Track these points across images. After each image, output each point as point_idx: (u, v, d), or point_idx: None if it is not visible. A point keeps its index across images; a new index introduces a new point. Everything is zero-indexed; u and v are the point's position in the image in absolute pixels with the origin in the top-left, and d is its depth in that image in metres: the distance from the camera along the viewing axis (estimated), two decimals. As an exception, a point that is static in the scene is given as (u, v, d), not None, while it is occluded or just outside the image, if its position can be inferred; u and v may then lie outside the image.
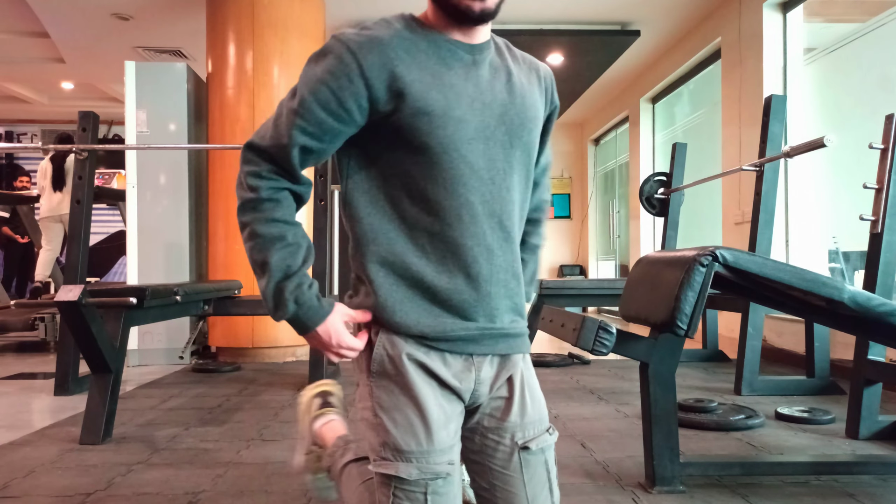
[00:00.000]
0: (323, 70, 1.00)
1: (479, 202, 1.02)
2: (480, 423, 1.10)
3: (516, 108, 1.05)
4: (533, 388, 1.13)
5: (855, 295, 1.61)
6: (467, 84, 1.01)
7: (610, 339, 1.61)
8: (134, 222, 4.11)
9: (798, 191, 4.25)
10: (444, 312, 1.03)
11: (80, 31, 5.53)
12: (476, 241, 1.02)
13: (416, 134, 0.99)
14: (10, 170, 7.95)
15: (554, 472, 1.12)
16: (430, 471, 1.01)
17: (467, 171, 1.00)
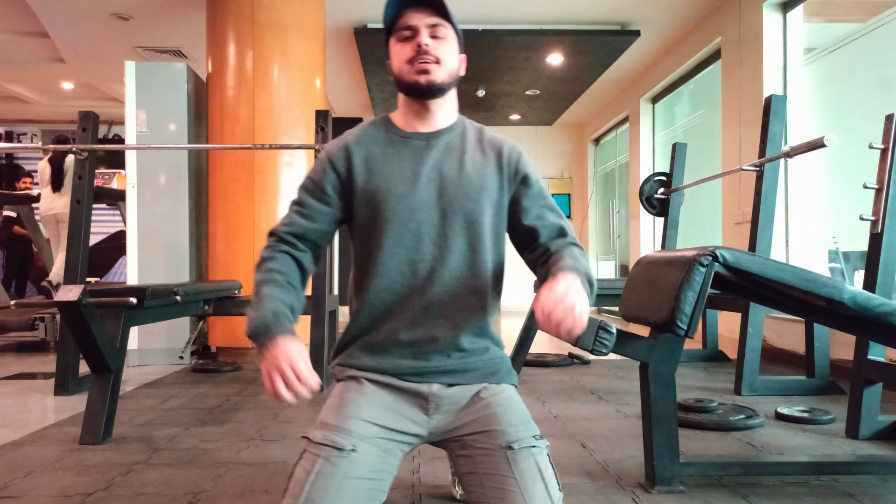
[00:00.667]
0: (310, 170, 1.34)
1: (407, 260, 1.26)
2: (463, 436, 1.23)
3: (462, 183, 1.28)
4: (513, 405, 1.25)
5: (855, 295, 1.61)
6: (415, 165, 1.28)
7: (610, 339, 1.61)
8: (134, 222, 4.11)
9: (798, 191, 4.25)
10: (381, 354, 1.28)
11: (80, 31, 5.53)
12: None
13: (365, 206, 1.29)
14: (11, 170, 7.95)
15: (549, 473, 1.16)
16: (330, 439, 1.15)
17: (400, 232, 1.26)
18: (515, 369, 3.49)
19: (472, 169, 1.30)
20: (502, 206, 1.33)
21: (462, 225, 1.28)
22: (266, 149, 3.86)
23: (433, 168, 1.28)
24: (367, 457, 1.16)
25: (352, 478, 1.13)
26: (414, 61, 1.25)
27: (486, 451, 1.17)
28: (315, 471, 1.12)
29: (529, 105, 7.84)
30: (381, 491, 1.18)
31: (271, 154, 4.07)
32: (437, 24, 1.27)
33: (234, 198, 4.08)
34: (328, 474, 1.12)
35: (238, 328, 4.09)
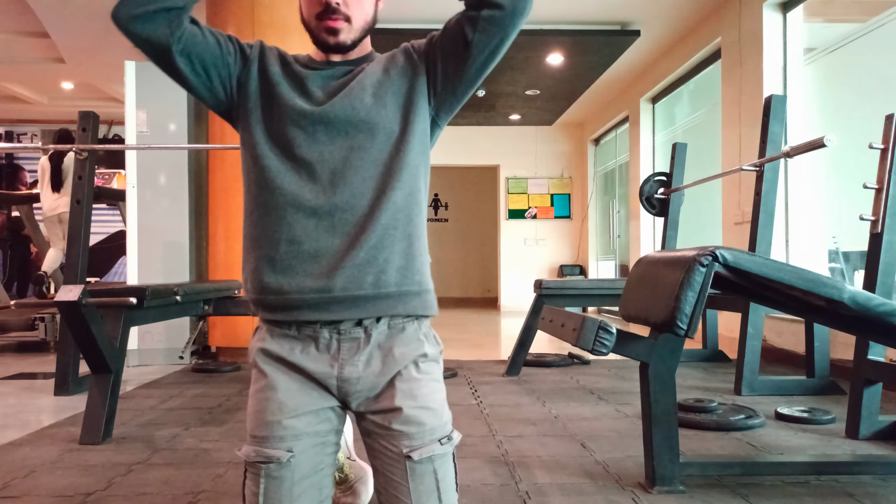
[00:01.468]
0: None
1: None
2: (372, 424, 1.18)
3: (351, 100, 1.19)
4: (425, 394, 1.17)
5: (855, 295, 1.61)
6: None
7: (610, 339, 1.61)
8: (134, 222, 4.11)
9: (798, 191, 4.25)
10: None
11: (80, 31, 5.53)
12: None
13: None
14: (11, 170, 7.94)
15: (447, 482, 1.15)
16: (265, 455, 1.12)
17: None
18: (515, 370, 3.52)
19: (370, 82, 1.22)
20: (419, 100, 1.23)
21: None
22: (266, 149, 3.86)
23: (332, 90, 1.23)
24: (306, 454, 1.14)
25: (298, 481, 1.12)
26: (322, 17, 1.18)
27: (387, 453, 1.15)
28: (261, 491, 1.12)
29: (529, 105, 7.84)
30: (330, 473, 1.19)
31: (271, 154, 4.06)
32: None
33: (234, 198, 4.08)
34: (275, 489, 1.11)
35: (238, 328, 4.09)
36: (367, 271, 1.15)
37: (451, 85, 1.22)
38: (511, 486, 1.74)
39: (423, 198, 1.24)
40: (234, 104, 1.24)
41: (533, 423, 2.45)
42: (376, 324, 1.18)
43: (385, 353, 1.18)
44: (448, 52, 1.20)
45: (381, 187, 1.16)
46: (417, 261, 1.20)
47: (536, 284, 3.47)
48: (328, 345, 1.17)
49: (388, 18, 5.18)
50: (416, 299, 1.20)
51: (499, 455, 2.03)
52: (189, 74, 1.19)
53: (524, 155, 9.12)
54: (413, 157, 1.20)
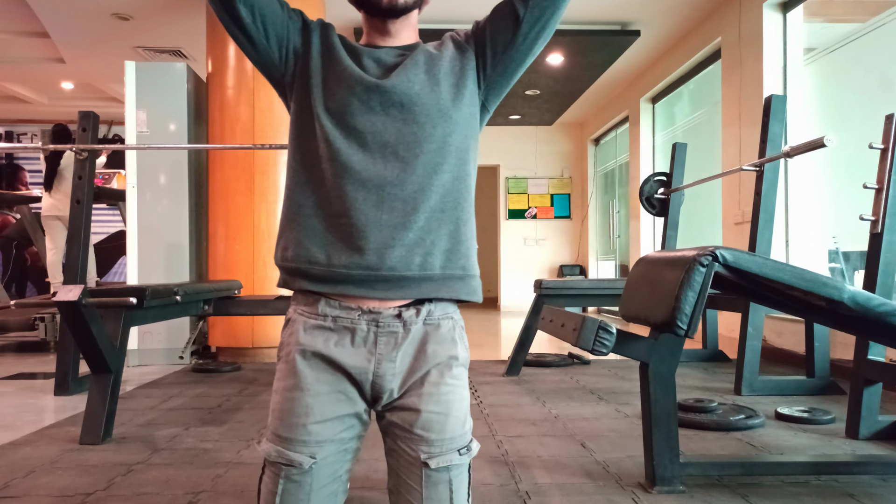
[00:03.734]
0: None
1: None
2: (393, 425, 1.16)
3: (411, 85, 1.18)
4: (451, 402, 1.16)
5: (855, 295, 1.61)
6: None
7: (610, 339, 1.61)
8: (134, 222, 4.11)
9: (798, 191, 4.25)
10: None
11: (80, 31, 5.53)
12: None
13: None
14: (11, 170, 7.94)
15: (461, 491, 1.14)
16: (286, 458, 1.11)
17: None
18: (515, 370, 3.52)
19: (429, 68, 1.23)
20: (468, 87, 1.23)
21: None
22: (266, 149, 3.86)
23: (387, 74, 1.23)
24: (327, 462, 1.13)
25: (317, 489, 1.12)
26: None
27: (405, 456, 1.14)
28: (279, 492, 1.11)
29: (529, 105, 7.84)
30: (346, 479, 1.19)
31: (271, 154, 4.07)
32: None
33: (234, 198, 4.08)
34: (293, 493, 1.11)
35: (238, 328, 4.09)
36: (416, 252, 1.14)
37: (502, 66, 1.22)
38: (511, 486, 1.74)
39: (472, 182, 1.23)
40: (286, 69, 1.22)
41: (533, 423, 2.45)
42: (415, 318, 1.16)
43: (419, 350, 1.17)
44: (498, 32, 1.20)
45: (432, 167, 1.16)
46: (463, 245, 1.19)
47: (536, 284, 3.48)
48: (365, 338, 1.15)
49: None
50: (460, 283, 1.19)
51: (499, 455, 2.02)
52: (249, 24, 1.16)
53: (524, 155, 9.12)
54: (463, 140, 1.20)
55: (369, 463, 1.90)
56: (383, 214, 1.13)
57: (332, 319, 1.15)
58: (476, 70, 1.23)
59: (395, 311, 1.15)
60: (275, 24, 1.18)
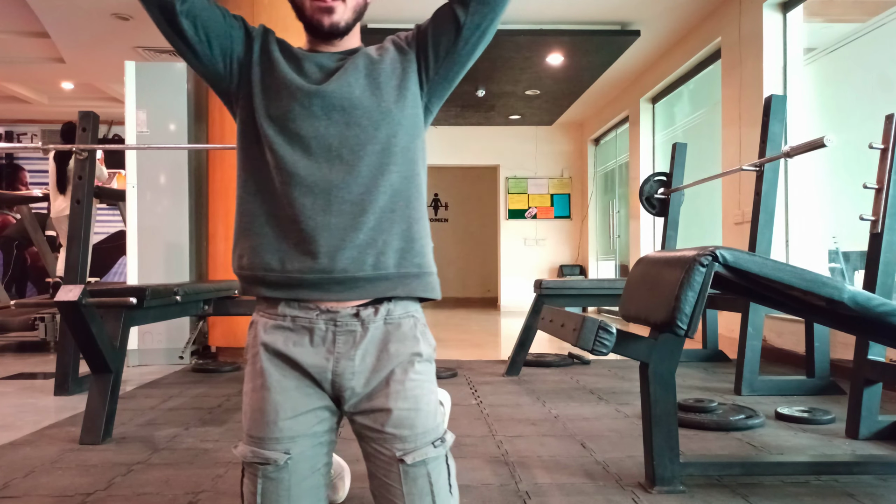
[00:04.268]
0: None
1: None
2: (364, 427, 1.17)
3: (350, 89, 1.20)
4: (418, 396, 1.17)
5: (855, 295, 1.61)
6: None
7: (610, 339, 1.61)
8: (134, 222, 4.11)
9: (798, 191, 4.25)
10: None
11: (80, 31, 5.53)
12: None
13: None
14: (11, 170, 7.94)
15: (440, 483, 1.15)
16: (262, 456, 1.13)
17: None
18: (515, 370, 3.52)
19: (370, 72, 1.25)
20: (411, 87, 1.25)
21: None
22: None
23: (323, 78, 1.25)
24: (303, 456, 1.14)
25: (297, 483, 1.14)
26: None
27: (381, 456, 1.15)
28: (259, 491, 1.13)
29: (529, 105, 7.84)
30: (327, 472, 1.20)
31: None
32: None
33: (234, 197, 4.07)
34: (273, 490, 1.13)
35: (238, 328, 4.09)
36: (368, 253, 1.16)
37: (444, 69, 1.24)
38: (511, 486, 1.74)
39: (422, 182, 1.24)
40: (232, 79, 1.24)
41: (533, 423, 2.45)
42: (374, 317, 1.18)
43: (380, 349, 1.18)
44: (440, 36, 1.22)
45: (378, 168, 1.17)
46: (417, 244, 1.21)
47: (536, 284, 3.47)
48: (324, 337, 1.16)
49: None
50: (416, 281, 1.21)
51: (499, 455, 2.02)
52: (192, 38, 1.19)
53: (524, 155, 9.12)
54: (409, 140, 1.21)
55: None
56: (332, 218, 1.15)
57: (291, 319, 1.18)
58: (418, 73, 1.25)
59: (353, 310, 1.17)
60: (218, 35, 1.20)
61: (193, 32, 1.19)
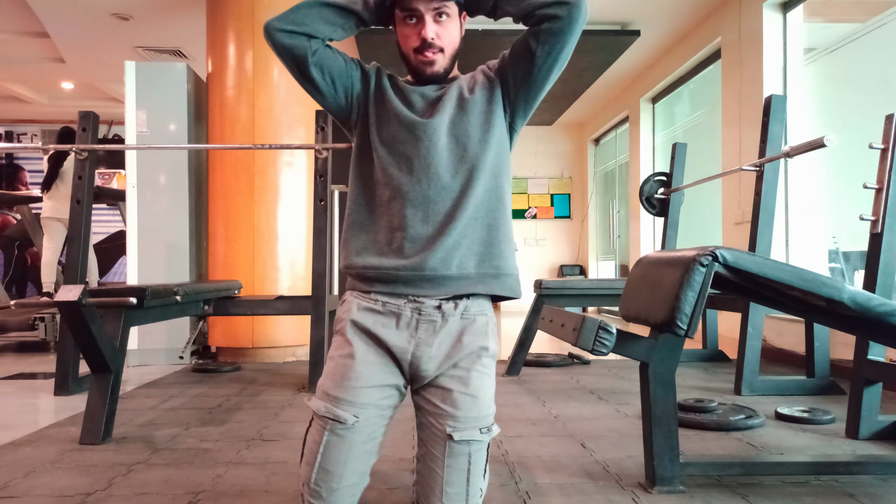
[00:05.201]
0: None
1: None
2: (425, 401, 1.37)
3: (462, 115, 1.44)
4: (477, 385, 1.36)
5: (855, 295, 1.61)
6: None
7: (610, 339, 1.61)
8: (134, 222, 4.11)
9: (798, 191, 4.25)
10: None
11: (80, 31, 5.53)
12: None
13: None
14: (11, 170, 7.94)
15: (477, 467, 1.34)
16: (333, 413, 1.32)
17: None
18: (515, 370, 3.52)
19: (467, 98, 1.46)
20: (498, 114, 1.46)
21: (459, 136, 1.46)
22: (266, 149, 3.86)
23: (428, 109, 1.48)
24: (367, 422, 1.33)
25: (357, 445, 1.32)
26: (420, 51, 1.41)
27: (433, 429, 1.34)
28: (324, 442, 1.32)
29: (529, 105, 7.83)
30: (378, 443, 1.38)
31: (271, 154, 4.07)
32: (440, 6, 1.38)
33: (234, 198, 4.08)
34: (336, 445, 1.31)
35: (238, 328, 4.09)
36: (454, 255, 1.36)
37: (524, 93, 1.44)
38: (511, 486, 1.74)
39: (506, 192, 1.45)
40: (352, 111, 1.48)
41: (533, 423, 2.45)
42: (453, 311, 1.38)
43: (455, 339, 1.37)
44: (517, 65, 1.42)
45: (466, 183, 1.38)
46: (496, 248, 1.40)
47: (536, 284, 3.47)
48: (409, 322, 1.37)
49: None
50: (494, 281, 1.40)
51: (499, 455, 2.03)
52: (320, 82, 1.43)
53: (524, 155, 9.12)
54: (492, 158, 1.42)
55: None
56: (428, 226, 1.37)
57: (382, 304, 1.38)
58: (502, 98, 1.46)
59: (437, 302, 1.37)
60: (341, 77, 1.45)
61: (321, 78, 1.43)
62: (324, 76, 1.42)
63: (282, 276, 4.10)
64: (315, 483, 1.32)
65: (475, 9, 1.47)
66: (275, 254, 4.08)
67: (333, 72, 1.43)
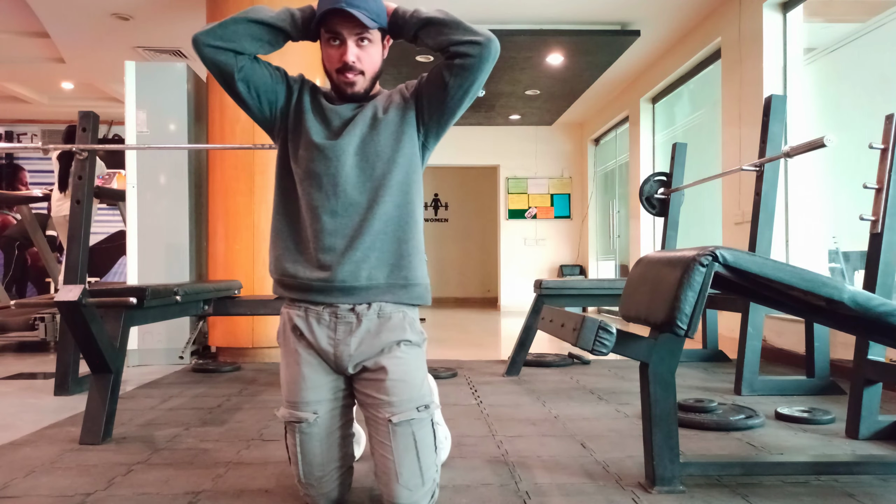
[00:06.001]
0: None
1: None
2: (362, 395, 1.49)
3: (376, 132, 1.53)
4: (404, 371, 1.47)
5: (855, 295, 1.61)
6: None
7: (610, 339, 1.61)
8: (134, 222, 4.11)
9: (798, 191, 4.25)
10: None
11: (80, 31, 5.53)
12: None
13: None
14: (11, 170, 7.94)
15: (425, 442, 1.45)
16: (296, 416, 1.48)
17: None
18: (515, 370, 3.52)
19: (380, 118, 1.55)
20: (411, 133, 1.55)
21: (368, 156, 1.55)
22: (266, 149, 3.86)
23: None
24: (328, 415, 1.49)
25: (326, 434, 1.48)
26: (342, 72, 1.49)
27: (376, 418, 1.46)
28: (298, 442, 1.48)
29: (529, 105, 7.84)
30: (349, 428, 1.54)
31: (271, 154, 4.07)
32: (363, 32, 1.46)
33: (234, 198, 4.08)
34: (308, 441, 1.47)
35: (238, 328, 4.09)
36: (362, 267, 1.46)
37: (436, 117, 1.54)
38: (511, 486, 1.74)
39: (416, 208, 1.54)
40: (275, 122, 1.59)
41: (533, 423, 2.45)
42: (367, 311, 1.48)
43: (373, 337, 1.48)
44: (431, 91, 1.51)
45: (374, 200, 1.48)
46: (405, 259, 1.50)
47: (536, 284, 3.48)
48: (328, 325, 1.49)
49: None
50: (403, 291, 1.51)
51: (499, 455, 2.03)
52: (245, 96, 1.54)
53: (524, 155, 9.12)
54: (403, 175, 1.51)
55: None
56: (337, 240, 1.46)
57: (305, 310, 1.50)
58: (416, 119, 1.55)
59: (350, 305, 1.49)
60: (266, 92, 1.55)
61: (247, 92, 1.53)
62: (249, 90, 1.52)
63: (282, 276, 4.10)
64: (304, 477, 1.49)
65: (398, 34, 1.54)
66: (275, 254, 4.07)
67: (259, 87, 1.53)
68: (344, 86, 1.51)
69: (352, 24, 1.44)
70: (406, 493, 1.42)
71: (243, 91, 1.52)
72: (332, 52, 1.49)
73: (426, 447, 1.45)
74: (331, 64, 1.51)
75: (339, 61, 1.48)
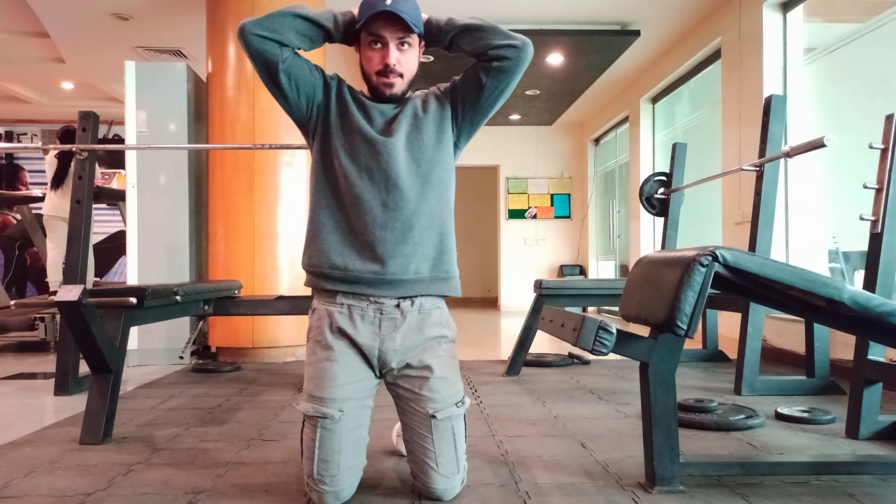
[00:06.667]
0: None
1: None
2: (402, 390, 1.56)
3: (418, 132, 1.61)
4: (445, 368, 1.57)
5: (855, 295, 1.61)
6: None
7: (610, 339, 1.61)
8: (134, 222, 4.11)
9: (798, 191, 4.25)
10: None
11: (80, 31, 5.53)
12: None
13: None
14: (11, 170, 7.94)
15: (460, 433, 1.58)
16: (321, 412, 1.51)
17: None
18: (515, 370, 3.52)
19: (420, 117, 1.63)
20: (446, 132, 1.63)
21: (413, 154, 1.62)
22: (266, 149, 3.86)
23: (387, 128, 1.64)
24: (352, 414, 1.53)
25: (346, 434, 1.51)
26: (383, 74, 1.55)
27: (416, 413, 1.55)
28: (318, 437, 1.50)
29: (529, 105, 7.84)
30: (367, 427, 1.58)
31: (271, 154, 4.07)
32: (405, 36, 1.53)
33: (234, 198, 4.08)
34: (328, 438, 1.50)
35: (238, 328, 4.09)
36: (411, 261, 1.54)
37: (470, 117, 1.61)
38: (511, 486, 1.74)
39: (452, 204, 1.63)
40: (311, 117, 1.62)
41: (533, 423, 2.45)
42: (410, 307, 1.56)
43: (415, 332, 1.56)
44: (466, 92, 1.59)
45: (422, 195, 1.55)
46: (446, 254, 1.60)
47: (536, 284, 3.48)
48: (372, 321, 1.55)
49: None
50: (444, 283, 1.60)
51: (499, 455, 2.03)
52: (286, 88, 1.56)
53: (524, 155, 9.12)
54: (443, 172, 1.59)
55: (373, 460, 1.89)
56: (387, 233, 1.52)
57: (348, 307, 1.55)
58: (451, 119, 1.62)
59: (395, 301, 1.55)
60: (305, 85, 1.58)
61: (288, 84, 1.56)
62: (290, 83, 1.55)
63: (282, 276, 4.10)
64: (318, 473, 1.51)
65: (433, 42, 1.60)
66: (275, 254, 4.08)
67: (300, 80, 1.56)
68: (383, 87, 1.56)
69: (395, 28, 1.51)
70: (444, 481, 1.54)
71: (284, 83, 1.54)
72: (372, 54, 1.55)
73: (461, 438, 1.57)
74: (371, 66, 1.56)
75: (381, 63, 1.54)
